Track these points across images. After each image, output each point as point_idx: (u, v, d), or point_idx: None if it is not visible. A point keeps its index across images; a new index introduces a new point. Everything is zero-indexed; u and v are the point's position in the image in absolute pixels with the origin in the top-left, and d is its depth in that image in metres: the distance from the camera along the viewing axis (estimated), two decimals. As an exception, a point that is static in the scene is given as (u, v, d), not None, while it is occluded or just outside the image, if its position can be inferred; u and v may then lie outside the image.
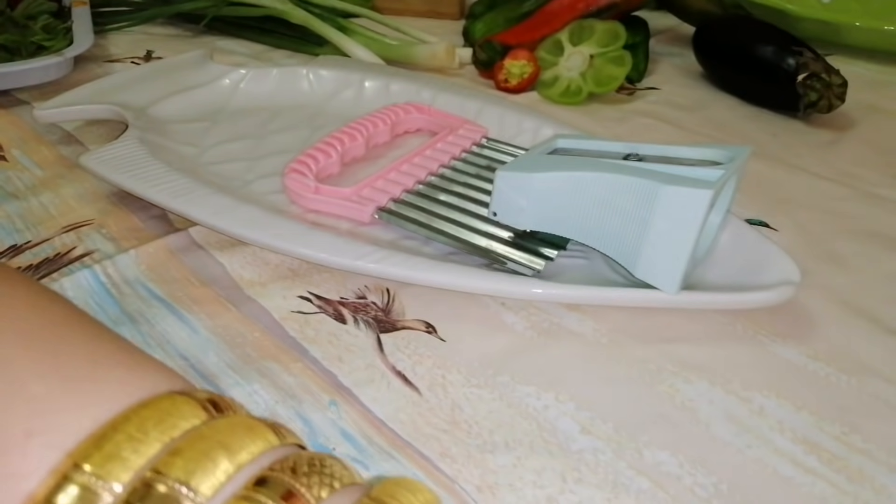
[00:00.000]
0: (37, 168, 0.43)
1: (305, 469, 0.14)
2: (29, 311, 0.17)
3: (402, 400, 0.27)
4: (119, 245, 0.35)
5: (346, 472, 0.15)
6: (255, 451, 0.15)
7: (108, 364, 0.16)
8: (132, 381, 0.16)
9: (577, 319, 0.31)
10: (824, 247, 0.37)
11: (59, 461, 0.14)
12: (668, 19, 0.71)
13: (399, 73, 0.53)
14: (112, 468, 0.13)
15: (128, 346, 0.18)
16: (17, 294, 0.18)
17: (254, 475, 0.14)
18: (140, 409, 0.15)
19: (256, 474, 0.14)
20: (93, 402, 0.15)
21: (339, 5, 0.66)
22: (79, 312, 0.18)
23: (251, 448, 0.15)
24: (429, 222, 0.35)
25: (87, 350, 0.17)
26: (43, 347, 0.16)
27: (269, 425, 0.16)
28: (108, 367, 0.16)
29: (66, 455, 0.14)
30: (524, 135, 0.45)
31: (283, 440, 0.16)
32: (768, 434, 0.26)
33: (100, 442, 0.14)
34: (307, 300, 0.32)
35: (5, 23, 0.56)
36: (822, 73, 0.50)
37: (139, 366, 0.17)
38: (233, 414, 0.16)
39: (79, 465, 0.13)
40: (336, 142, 0.41)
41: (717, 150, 0.32)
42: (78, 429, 0.14)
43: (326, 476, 0.15)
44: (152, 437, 0.14)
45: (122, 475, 0.13)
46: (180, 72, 0.50)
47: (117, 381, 0.16)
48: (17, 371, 0.15)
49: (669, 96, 0.58)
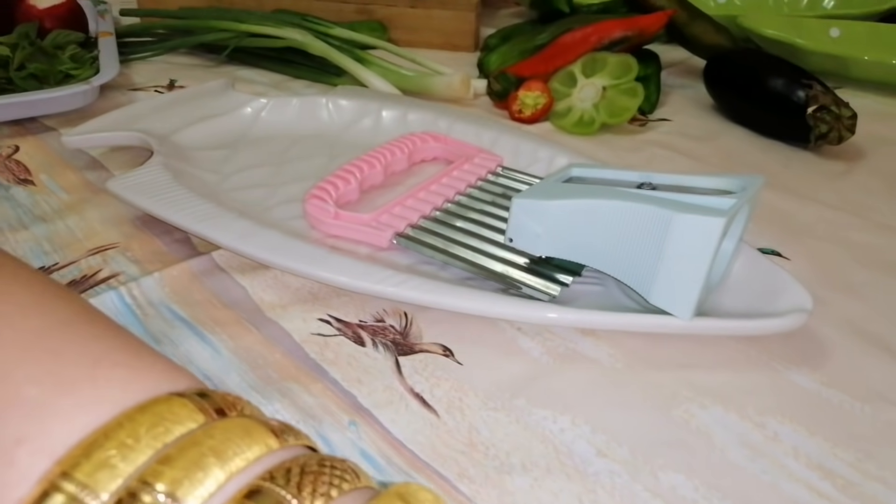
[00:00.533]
0: (63, 192, 0.45)
1: (300, 476, 0.14)
2: (36, 311, 0.17)
3: (421, 421, 0.27)
4: (143, 268, 0.36)
5: (350, 475, 0.15)
6: (251, 457, 0.14)
7: (110, 364, 0.16)
8: (132, 383, 0.16)
9: (592, 345, 0.32)
10: (836, 276, 0.38)
11: (48, 469, 0.13)
12: (679, 52, 0.72)
13: (416, 103, 0.54)
14: (100, 477, 0.13)
15: (134, 345, 0.17)
16: (28, 294, 0.18)
17: (245, 485, 0.14)
18: (134, 413, 0.14)
19: (248, 484, 0.14)
20: (88, 405, 0.15)
21: (357, 37, 0.68)
22: (89, 311, 0.18)
23: (246, 454, 0.14)
24: (446, 248, 0.36)
25: (90, 350, 0.16)
26: (45, 348, 0.16)
27: (270, 427, 0.15)
28: (109, 368, 0.16)
29: (54, 463, 0.13)
30: (539, 164, 0.46)
31: (285, 443, 0.15)
32: (783, 459, 0.26)
33: (90, 449, 0.14)
34: (327, 323, 0.33)
35: (35, 52, 0.58)
36: (831, 106, 0.51)
37: (142, 365, 0.16)
38: (235, 415, 0.16)
39: (67, 474, 0.13)
40: (355, 169, 0.42)
41: (730, 180, 0.33)
42: (69, 435, 0.14)
43: (324, 484, 0.14)
44: (143, 444, 0.14)
45: (109, 484, 0.13)
46: (203, 100, 0.52)
47: (117, 383, 0.15)
48: (14, 374, 0.15)
49: (681, 127, 0.59)
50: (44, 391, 0.15)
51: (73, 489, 0.13)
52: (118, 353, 0.17)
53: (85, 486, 0.13)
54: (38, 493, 0.13)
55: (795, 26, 0.74)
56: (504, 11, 0.99)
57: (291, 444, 0.15)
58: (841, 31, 0.75)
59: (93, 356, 0.16)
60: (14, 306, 0.17)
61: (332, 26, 0.68)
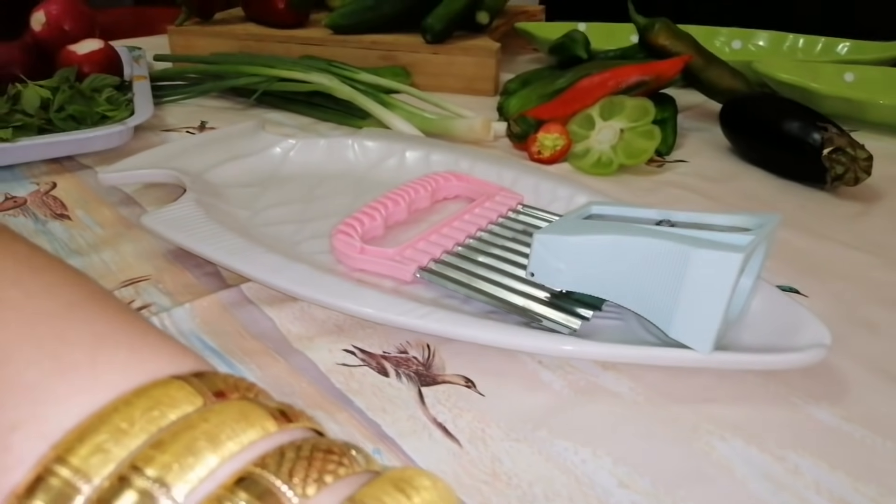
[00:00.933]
0: (98, 227, 0.46)
1: (294, 462, 0.14)
2: (44, 295, 0.17)
3: (444, 451, 0.28)
4: (175, 299, 0.38)
5: (348, 459, 0.15)
6: (245, 441, 0.14)
7: (112, 346, 0.16)
8: (133, 365, 0.16)
9: (613, 378, 0.32)
10: (855, 313, 0.38)
11: (43, 453, 0.14)
12: (696, 96, 0.74)
13: (438, 144, 0.56)
14: (94, 462, 0.13)
15: (140, 326, 0.17)
16: (37, 278, 0.18)
17: (237, 470, 0.14)
18: (130, 397, 0.14)
19: (240, 469, 0.14)
20: (85, 389, 0.15)
21: (381, 82, 0.70)
22: (98, 293, 0.18)
23: (241, 438, 0.14)
24: (468, 282, 0.36)
25: (93, 332, 0.16)
26: (49, 331, 0.16)
27: (269, 411, 0.15)
28: (110, 350, 0.16)
29: (49, 447, 0.14)
30: (558, 202, 0.47)
31: (284, 426, 0.15)
32: (804, 493, 0.26)
33: (85, 434, 0.14)
34: (352, 354, 0.33)
35: (73, 95, 0.60)
36: (847, 148, 0.52)
37: (146, 347, 0.16)
38: (237, 397, 0.16)
39: (62, 458, 0.13)
40: (380, 206, 0.43)
41: (747, 217, 0.34)
42: (64, 419, 0.14)
43: (316, 470, 0.14)
44: (138, 428, 0.14)
45: (102, 469, 0.13)
46: (234, 140, 0.54)
47: (118, 366, 0.16)
48: (15, 358, 0.15)
49: (698, 168, 0.60)
50: (43, 375, 0.15)
51: (67, 474, 0.13)
52: (122, 334, 0.17)
53: (78, 470, 0.13)
54: (32, 478, 0.13)
55: (810, 71, 0.75)
56: (523, 58, 1.02)
57: (293, 427, 0.15)
58: (855, 75, 0.76)
59: (95, 337, 0.16)
60: (21, 291, 0.17)
61: (357, 71, 0.71)
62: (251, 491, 0.13)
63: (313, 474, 0.14)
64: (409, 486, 0.14)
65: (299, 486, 0.13)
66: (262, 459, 0.14)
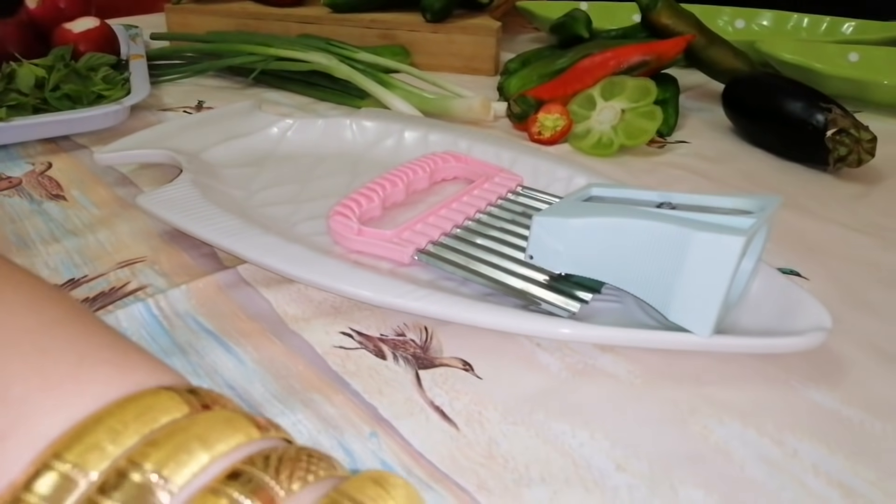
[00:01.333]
0: (94, 207, 0.46)
1: (279, 462, 0.15)
2: (26, 311, 0.18)
3: (441, 434, 0.28)
4: (171, 280, 0.37)
5: (325, 464, 0.16)
6: (233, 444, 0.15)
7: (95, 362, 0.17)
8: (116, 380, 0.16)
9: (610, 361, 0.32)
10: (856, 295, 0.38)
11: (39, 452, 0.14)
12: (697, 76, 0.73)
13: (437, 124, 0.55)
14: (91, 458, 0.14)
15: (121, 344, 0.18)
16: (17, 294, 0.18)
17: (228, 468, 0.15)
18: (123, 402, 0.15)
19: (230, 467, 0.14)
20: (71, 402, 0.15)
21: (380, 61, 0.70)
22: (78, 311, 0.19)
23: (229, 441, 0.15)
24: (466, 264, 0.36)
25: (76, 348, 0.17)
26: (33, 346, 0.17)
27: (251, 419, 0.16)
28: (94, 366, 0.16)
29: (47, 445, 0.14)
30: (557, 183, 0.47)
31: (266, 434, 0.16)
32: (802, 476, 0.26)
33: (80, 433, 0.14)
34: (349, 336, 0.33)
35: (69, 74, 0.60)
36: (851, 129, 0.51)
37: (127, 364, 0.17)
38: (219, 409, 0.16)
39: (59, 455, 0.14)
40: (378, 187, 0.43)
41: (749, 200, 0.33)
42: (50, 429, 0.15)
43: (301, 470, 0.15)
44: (132, 430, 0.15)
45: (99, 464, 0.14)
46: (231, 120, 0.53)
47: (101, 379, 0.16)
48: (1, 373, 0.16)
49: (699, 149, 0.59)
50: (28, 389, 0.15)
51: (66, 468, 0.14)
52: (105, 350, 0.17)
53: (76, 464, 0.14)
54: (31, 472, 0.14)
55: (814, 51, 0.74)
56: (524, 37, 1.01)
57: (272, 435, 0.16)
58: (859, 55, 0.75)
59: (78, 354, 0.17)
60: (2, 308, 0.18)
61: (356, 50, 0.70)
62: (243, 484, 0.14)
63: (297, 473, 0.15)
64: (387, 483, 0.15)
65: (286, 482, 0.14)
66: (249, 459, 0.15)
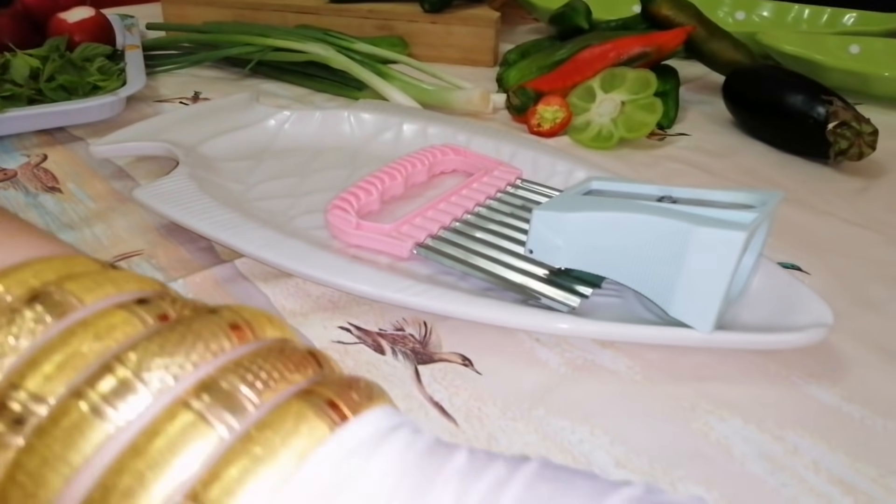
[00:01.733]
0: (90, 201, 0.46)
1: (175, 295, 0.18)
2: None
3: (440, 429, 0.28)
4: (168, 275, 0.37)
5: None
6: (143, 286, 0.18)
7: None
8: (36, 247, 0.19)
9: (610, 357, 0.32)
10: (857, 291, 0.38)
11: None
12: (698, 68, 0.73)
13: (436, 116, 0.55)
14: (11, 284, 0.16)
15: (7, 222, 0.20)
16: None
17: (137, 297, 0.17)
18: (50, 258, 0.17)
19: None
20: None
21: (378, 52, 0.69)
22: None
23: (140, 284, 0.18)
24: (465, 258, 0.36)
25: None
26: None
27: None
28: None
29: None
30: (557, 177, 0.46)
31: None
32: (803, 473, 0.26)
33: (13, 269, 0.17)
34: (347, 331, 0.33)
35: (64, 64, 0.59)
36: (852, 122, 0.51)
37: (43, 238, 0.20)
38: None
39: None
40: (376, 181, 0.42)
41: (750, 195, 0.33)
42: None
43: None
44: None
45: (20, 289, 0.16)
46: (228, 112, 0.53)
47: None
48: None
49: (699, 142, 0.59)
50: None
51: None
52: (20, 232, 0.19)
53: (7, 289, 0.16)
54: None
55: (815, 43, 0.74)
56: (523, 28, 1.00)
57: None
58: (861, 47, 0.75)
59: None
60: None
61: (353, 41, 0.69)
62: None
63: (189, 302, 0.18)
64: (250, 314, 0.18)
65: (182, 307, 0.17)
66: (154, 295, 0.17)
